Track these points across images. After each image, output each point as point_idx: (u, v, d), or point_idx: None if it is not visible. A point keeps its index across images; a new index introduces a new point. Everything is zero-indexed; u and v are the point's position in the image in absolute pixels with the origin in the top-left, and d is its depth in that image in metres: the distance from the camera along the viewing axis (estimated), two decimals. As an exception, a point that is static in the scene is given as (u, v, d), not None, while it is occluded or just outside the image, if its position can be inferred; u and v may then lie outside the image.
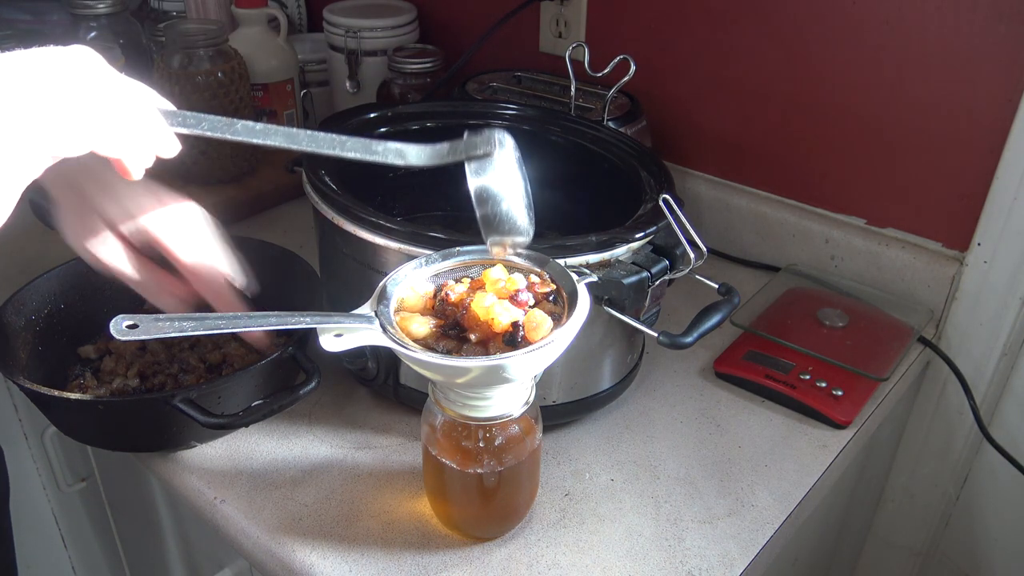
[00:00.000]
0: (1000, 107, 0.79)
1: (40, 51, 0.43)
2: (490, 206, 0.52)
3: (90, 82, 0.44)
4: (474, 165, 0.52)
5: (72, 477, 1.07)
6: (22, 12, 1.29)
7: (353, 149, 0.51)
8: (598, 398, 0.73)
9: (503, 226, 0.53)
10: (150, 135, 0.47)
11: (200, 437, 0.70)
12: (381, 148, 0.52)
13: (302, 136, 0.50)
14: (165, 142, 0.48)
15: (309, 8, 1.40)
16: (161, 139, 0.47)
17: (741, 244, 1.02)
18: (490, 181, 0.52)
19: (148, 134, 0.46)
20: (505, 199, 0.52)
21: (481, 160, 0.52)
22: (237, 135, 0.49)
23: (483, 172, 0.52)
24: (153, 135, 0.47)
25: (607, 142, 0.82)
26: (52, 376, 0.73)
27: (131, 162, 0.46)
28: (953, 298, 0.88)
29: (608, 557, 0.62)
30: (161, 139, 0.47)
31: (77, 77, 0.43)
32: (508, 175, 0.53)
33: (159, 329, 0.48)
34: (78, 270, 0.78)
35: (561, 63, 0.91)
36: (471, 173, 0.52)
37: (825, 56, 0.89)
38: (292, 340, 0.68)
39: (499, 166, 0.52)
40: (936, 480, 0.97)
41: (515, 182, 0.53)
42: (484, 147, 0.52)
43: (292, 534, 0.63)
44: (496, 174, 0.52)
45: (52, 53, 0.43)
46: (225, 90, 1.01)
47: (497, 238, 0.54)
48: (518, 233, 0.54)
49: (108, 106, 0.44)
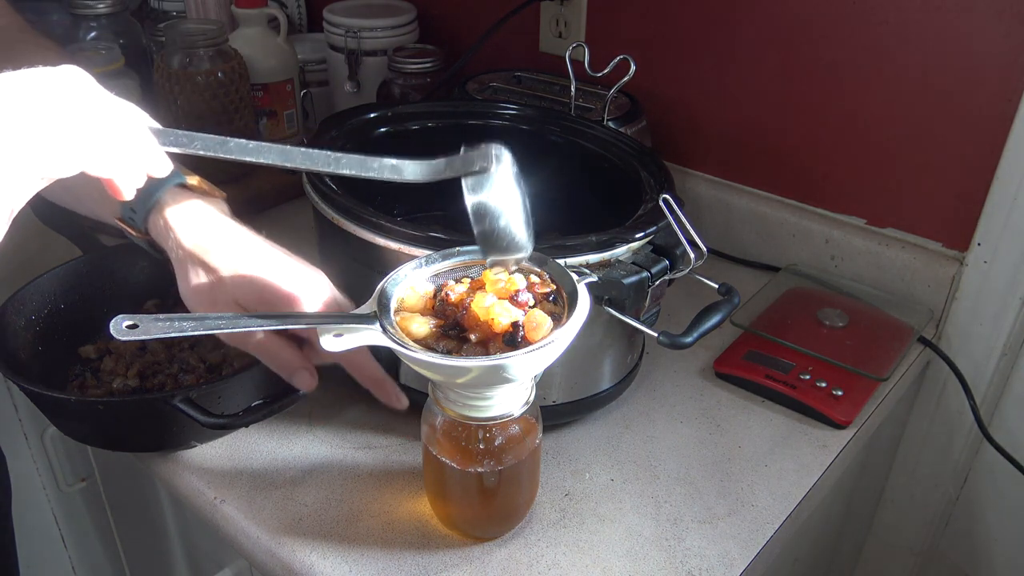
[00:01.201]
0: (1000, 107, 0.79)
1: (28, 72, 0.42)
2: (488, 222, 0.51)
3: (79, 103, 0.43)
4: (471, 181, 0.51)
5: (72, 477, 1.07)
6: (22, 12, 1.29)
7: (349, 166, 0.51)
8: (598, 398, 0.73)
9: (502, 242, 0.52)
10: (141, 154, 0.46)
11: (200, 437, 0.70)
12: (377, 165, 0.51)
13: (296, 154, 0.50)
14: (156, 161, 0.48)
15: (309, 8, 1.40)
16: (152, 158, 0.47)
17: (741, 244, 1.02)
18: (488, 197, 0.51)
19: (139, 153, 0.46)
20: (503, 215, 0.51)
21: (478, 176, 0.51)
22: (230, 153, 0.49)
23: (480, 188, 0.51)
24: (144, 154, 0.47)
25: (607, 142, 0.82)
26: (52, 376, 0.73)
27: (122, 182, 0.46)
28: (953, 298, 0.88)
29: (608, 557, 0.62)
30: (152, 158, 0.47)
31: (66, 98, 0.43)
32: (506, 191, 0.51)
33: (159, 329, 0.48)
34: (78, 270, 0.78)
35: (561, 63, 0.91)
36: (468, 189, 0.51)
37: (825, 56, 0.89)
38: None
39: (496, 182, 0.51)
40: (936, 480, 0.97)
41: (513, 198, 0.52)
42: (481, 162, 0.51)
43: (292, 534, 0.63)
44: (493, 190, 0.51)
45: (40, 74, 0.43)
46: (225, 90, 1.01)
47: (497, 257, 0.53)
48: (517, 249, 0.52)
49: (98, 126, 0.44)
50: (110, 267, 0.81)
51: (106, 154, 0.44)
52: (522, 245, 0.53)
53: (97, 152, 0.44)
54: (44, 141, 0.42)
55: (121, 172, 0.46)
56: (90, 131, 0.44)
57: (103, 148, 0.44)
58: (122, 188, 0.46)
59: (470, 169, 0.51)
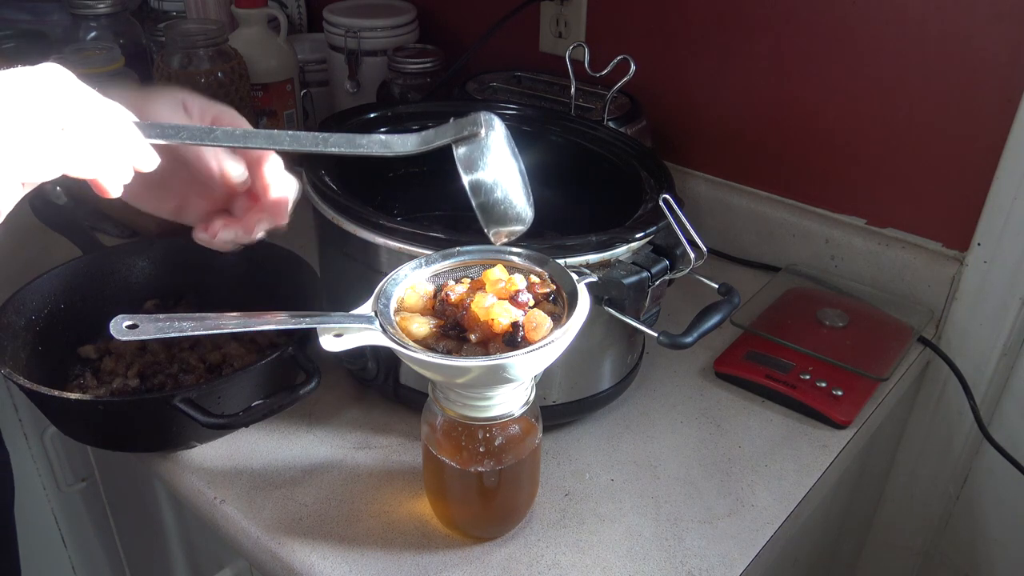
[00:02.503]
0: (1000, 107, 0.79)
1: (5, 74, 0.41)
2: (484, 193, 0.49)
3: (58, 104, 0.42)
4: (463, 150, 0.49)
5: (72, 477, 1.07)
6: (22, 12, 1.29)
7: (337, 144, 0.50)
8: (598, 398, 0.73)
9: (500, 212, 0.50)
10: (125, 151, 0.46)
11: (200, 437, 0.70)
12: (365, 141, 0.50)
13: (283, 137, 0.49)
14: (142, 156, 0.47)
15: (309, 8, 1.40)
16: (138, 153, 0.46)
17: (741, 244, 1.02)
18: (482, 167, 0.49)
19: (122, 151, 0.45)
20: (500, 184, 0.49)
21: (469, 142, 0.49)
22: (217, 141, 0.48)
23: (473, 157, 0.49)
24: (128, 151, 0.46)
25: (607, 142, 0.82)
26: (52, 376, 0.73)
27: (107, 181, 0.45)
28: (953, 298, 0.88)
29: (608, 557, 0.62)
30: (138, 153, 0.46)
31: (45, 100, 0.42)
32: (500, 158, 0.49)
33: (159, 329, 0.48)
34: (78, 270, 0.78)
35: (561, 63, 0.91)
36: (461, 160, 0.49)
37: (825, 55, 0.89)
38: (292, 340, 0.68)
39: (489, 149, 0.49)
40: (936, 480, 0.97)
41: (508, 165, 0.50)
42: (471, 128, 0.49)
43: (292, 534, 0.63)
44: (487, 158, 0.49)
45: (18, 76, 0.42)
46: (225, 90, 1.01)
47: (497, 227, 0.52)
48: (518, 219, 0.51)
49: (78, 127, 0.43)
50: (110, 267, 0.81)
51: (87, 155, 0.43)
52: (522, 213, 0.51)
53: (78, 153, 0.43)
54: (22, 146, 0.41)
55: (105, 172, 0.45)
56: (70, 133, 0.42)
57: (84, 149, 0.43)
58: (108, 187, 0.45)
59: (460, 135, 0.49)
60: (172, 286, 0.83)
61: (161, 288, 0.83)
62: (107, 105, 0.45)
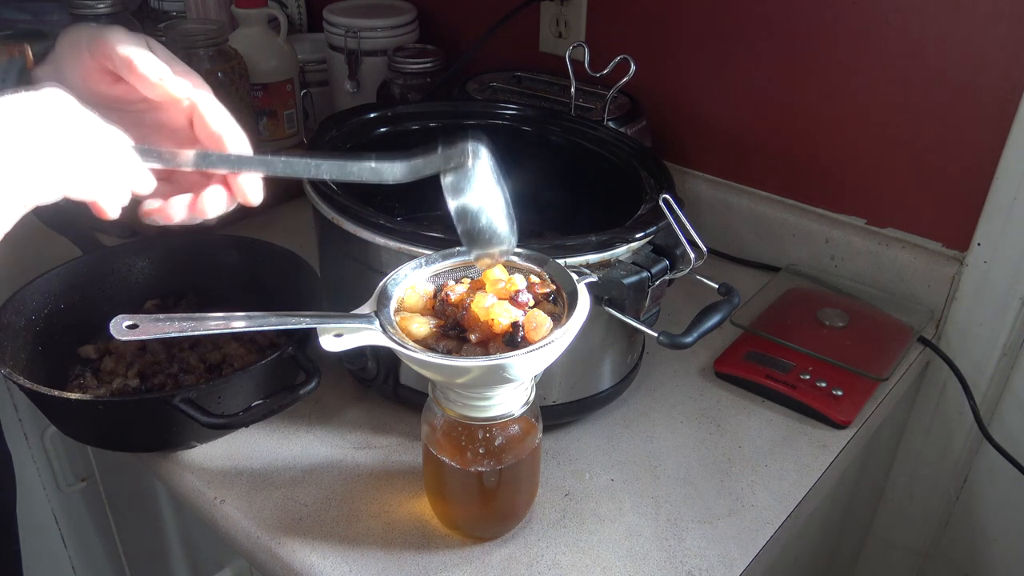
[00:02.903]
0: (1000, 107, 0.79)
1: (8, 99, 0.42)
2: (470, 221, 0.52)
3: (60, 128, 0.43)
4: (450, 179, 0.52)
5: (72, 477, 1.07)
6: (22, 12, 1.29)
7: (328, 172, 0.51)
8: (598, 398, 0.73)
9: (484, 238, 0.52)
10: (123, 175, 0.47)
11: (200, 437, 0.70)
12: (356, 168, 0.52)
13: (277, 163, 0.51)
14: (139, 180, 0.48)
15: (309, 8, 1.40)
16: (135, 177, 0.48)
17: (741, 244, 1.02)
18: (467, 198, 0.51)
19: (121, 175, 0.47)
20: (484, 213, 0.52)
21: (456, 172, 0.52)
22: (212, 166, 0.50)
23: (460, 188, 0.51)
24: (127, 175, 0.47)
25: (607, 142, 0.82)
26: (52, 376, 0.73)
27: (106, 203, 0.46)
28: (953, 298, 0.88)
29: (608, 557, 0.62)
30: (135, 177, 0.48)
31: (46, 124, 0.43)
32: (485, 187, 0.52)
33: (159, 329, 0.48)
34: (78, 270, 0.78)
35: (561, 63, 0.91)
36: (447, 188, 0.51)
37: (825, 56, 0.89)
38: (292, 340, 0.68)
39: (475, 180, 0.52)
40: (936, 480, 0.97)
41: (492, 194, 0.52)
42: (458, 159, 0.52)
43: (292, 534, 0.63)
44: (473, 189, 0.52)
45: (21, 100, 0.43)
46: (225, 90, 1.01)
47: (481, 251, 0.53)
48: (500, 242, 0.53)
49: (79, 152, 0.44)
50: (110, 267, 0.81)
51: (88, 178, 0.45)
52: (505, 239, 0.53)
53: (79, 176, 0.44)
54: (25, 169, 0.42)
55: (104, 194, 0.46)
56: (71, 157, 0.44)
57: (85, 172, 0.44)
58: (106, 209, 0.47)
59: (448, 166, 0.52)
60: (172, 286, 0.83)
61: (161, 288, 0.83)
62: (107, 130, 0.46)
